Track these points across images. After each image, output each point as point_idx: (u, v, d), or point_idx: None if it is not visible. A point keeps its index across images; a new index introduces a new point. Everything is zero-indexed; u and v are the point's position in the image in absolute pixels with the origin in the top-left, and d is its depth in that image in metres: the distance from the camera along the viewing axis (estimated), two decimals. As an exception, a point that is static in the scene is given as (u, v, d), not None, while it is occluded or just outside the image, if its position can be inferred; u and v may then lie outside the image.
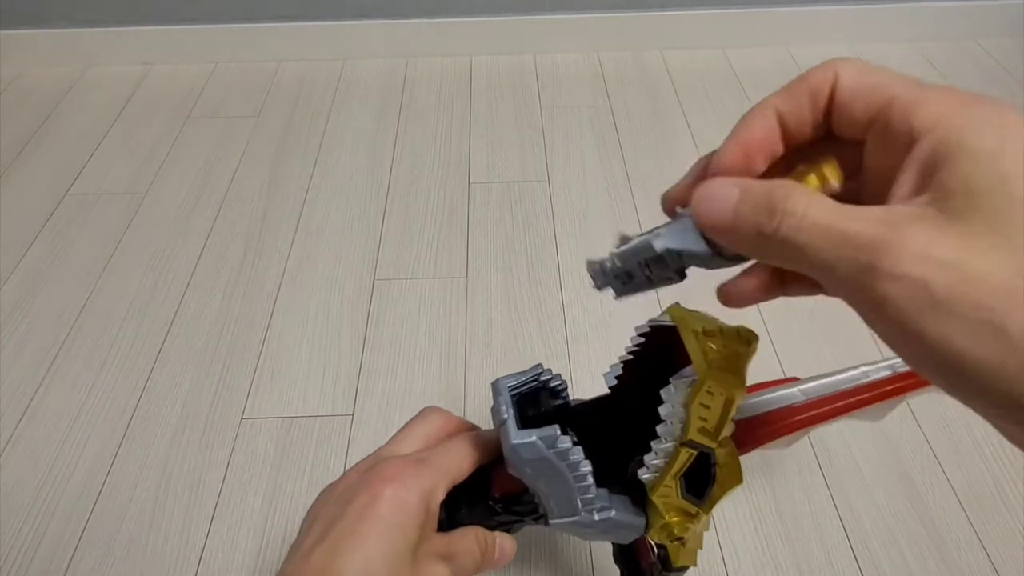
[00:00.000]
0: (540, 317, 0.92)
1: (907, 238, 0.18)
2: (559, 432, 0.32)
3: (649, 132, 1.23)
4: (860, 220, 0.20)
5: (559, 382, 0.36)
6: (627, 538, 0.36)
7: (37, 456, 0.78)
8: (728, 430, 0.33)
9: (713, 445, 0.33)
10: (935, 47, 1.43)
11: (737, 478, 0.34)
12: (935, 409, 0.81)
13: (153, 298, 0.95)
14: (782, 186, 0.21)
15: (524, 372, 0.36)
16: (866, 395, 0.39)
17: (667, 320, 0.35)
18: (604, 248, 0.29)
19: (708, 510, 0.34)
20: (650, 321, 0.36)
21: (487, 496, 0.36)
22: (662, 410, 0.32)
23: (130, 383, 0.85)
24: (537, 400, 0.35)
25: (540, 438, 0.32)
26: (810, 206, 0.20)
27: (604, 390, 0.38)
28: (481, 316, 0.92)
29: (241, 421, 0.81)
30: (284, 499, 0.74)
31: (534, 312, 0.92)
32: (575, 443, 0.32)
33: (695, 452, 0.33)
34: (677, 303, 0.35)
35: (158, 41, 1.40)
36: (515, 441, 0.32)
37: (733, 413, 0.32)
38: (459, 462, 0.35)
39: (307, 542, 0.31)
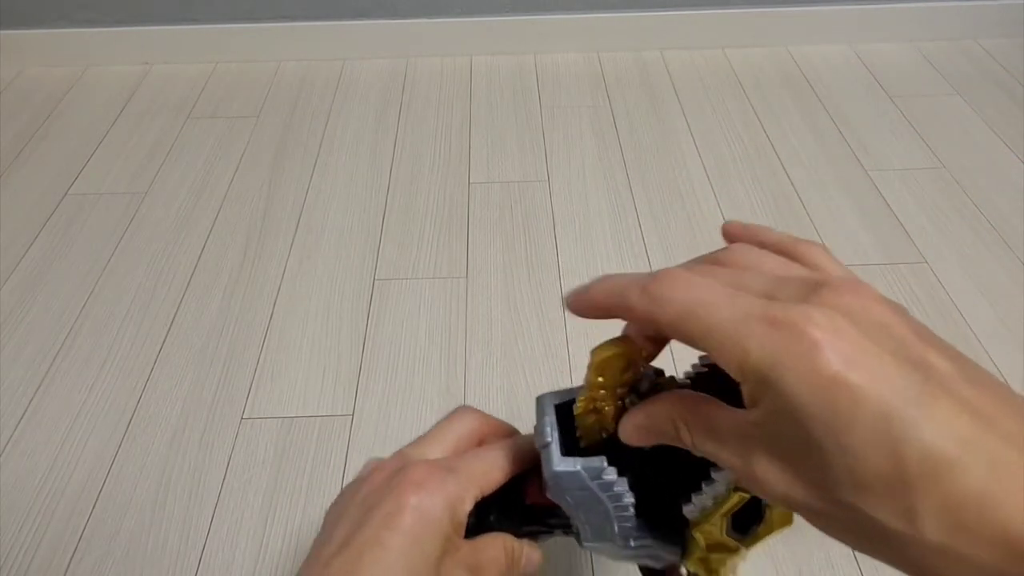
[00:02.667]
0: (540, 317, 0.92)
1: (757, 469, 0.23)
2: (605, 464, 0.30)
3: (649, 132, 1.23)
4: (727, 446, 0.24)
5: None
6: (660, 564, 0.35)
7: (37, 456, 0.78)
8: None
9: None
10: (935, 47, 1.43)
11: (787, 519, 0.32)
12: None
13: (153, 298, 0.95)
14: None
15: (571, 389, 0.33)
16: None
17: None
18: (604, 247, 0.28)
19: (749, 546, 0.33)
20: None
21: (519, 504, 0.35)
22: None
23: (130, 383, 0.85)
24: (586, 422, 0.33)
25: (585, 469, 0.30)
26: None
27: None
28: (481, 316, 0.92)
29: (241, 421, 0.81)
30: (284, 499, 0.74)
31: (534, 312, 0.92)
32: (620, 473, 0.31)
33: (748, 496, 0.31)
34: None
35: (158, 41, 1.40)
36: (558, 468, 0.30)
37: None
38: (490, 472, 0.33)
39: (328, 548, 0.30)
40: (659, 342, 0.29)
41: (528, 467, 0.35)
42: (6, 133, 1.25)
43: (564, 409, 0.33)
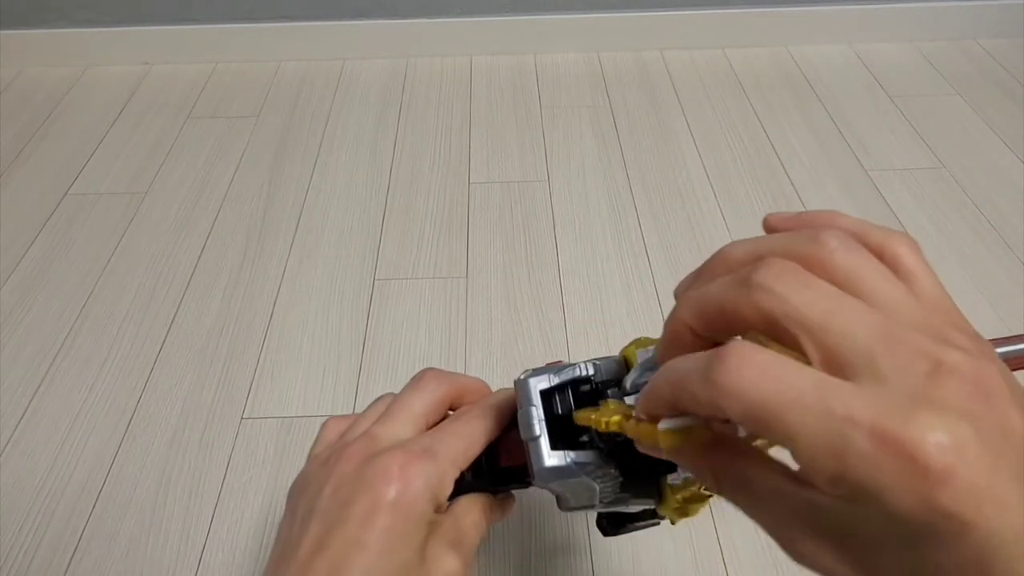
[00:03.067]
0: (540, 317, 0.92)
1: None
2: (597, 459, 0.30)
3: (649, 132, 1.23)
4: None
5: (589, 371, 0.33)
6: (634, 510, 0.35)
7: (37, 456, 0.78)
8: None
9: None
10: (935, 47, 1.43)
11: None
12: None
13: (153, 298, 0.95)
14: None
15: (557, 371, 0.32)
16: None
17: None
18: (604, 247, 0.28)
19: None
20: None
21: (494, 466, 0.34)
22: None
23: (130, 383, 0.85)
24: (565, 393, 0.32)
25: (576, 464, 0.30)
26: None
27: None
28: (481, 316, 0.92)
29: (241, 421, 0.81)
30: (284, 499, 0.74)
31: (534, 312, 0.92)
32: (607, 455, 0.31)
33: None
34: None
35: (158, 41, 1.40)
36: (548, 464, 0.30)
37: None
38: (469, 449, 0.32)
39: (304, 546, 0.29)
40: None
41: (504, 426, 0.34)
42: (6, 133, 1.25)
43: (547, 394, 0.32)
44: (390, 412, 0.34)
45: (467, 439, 0.32)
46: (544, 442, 0.30)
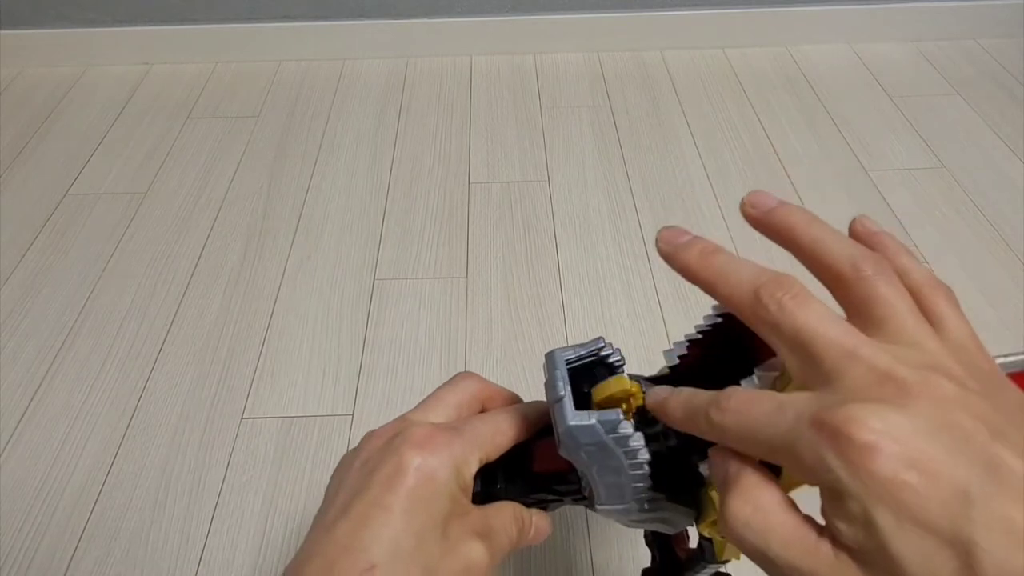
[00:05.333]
0: (540, 317, 0.92)
1: None
2: (621, 416, 0.29)
3: (649, 132, 1.23)
4: None
5: (618, 357, 0.33)
6: (673, 529, 0.33)
7: (37, 456, 0.78)
8: None
9: None
10: (935, 47, 1.43)
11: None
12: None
13: (153, 298, 0.95)
14: None
15: (583, 345, 0.33)
16: None
17: None
18: (604, 247, 0.28)
19: None
20: (718, 309, 0.32)
21: (526, 471, 0.34)
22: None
23: (130, 383, 0.85)
24: (593, 375, 0.32)
25: (600, 422, 0.29)
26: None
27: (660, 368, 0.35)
28: (481, 316, 0.92)
29: (241, 421, 0.81)
30: (284, 499, 0.74)
31: (534, 312, 0.92)
32: (636, 428, 0.30)
33: None
34: None
35: (158, 41, 1.40)
36: (572, 423, 0.29)
37: None
38: (495, 436, 0.32)
39: (330, 513, 0.30)
40: None
41: (534, 433, 0.34)
42: (6, 133, 1.25)
43: (575, 369, 0.32)
44: (423, 402, 0.35)
45: (493, 426, 0.33)
46: (568, 401, 0.30)
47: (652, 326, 0.89)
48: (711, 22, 1.41)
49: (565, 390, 0.30)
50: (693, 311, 0.92)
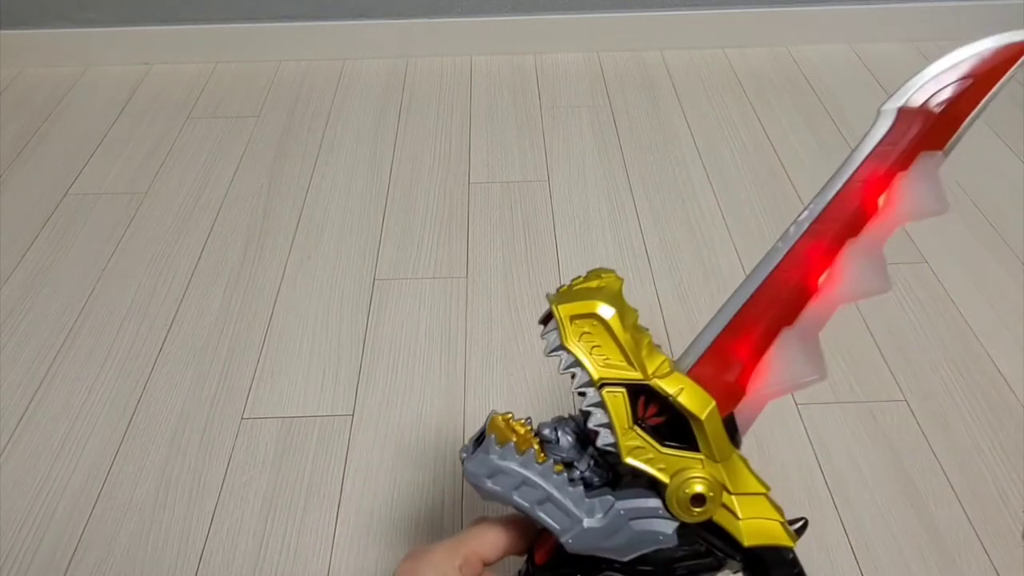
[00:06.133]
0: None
1: None
2: (495, 438, 0.32)
3: (649, 132, 1.23)
4: None
5: (521, 419, 0.36)
6: (667, 533, 0.32)
7: (37, 456, 0.78)
8: (655, 356, 0.31)
9: (638, 376, 0.31)
10: (935, 47, 1.43)
11: (700, 400, 0.30)
12: (935, 409, 0.81)
13: (153, 298, 0.95)
14: None
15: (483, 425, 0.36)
16: (803, 270, 0.32)
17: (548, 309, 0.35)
18: (604, 247, 0.28)
19: (714, 455, 0.31)
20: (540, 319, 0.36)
21: (534, 567, 0.36)
22: (559, 367, 0.32)
23: (130, 383, 0.85)
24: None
25: (483, 450, 0.32)
26: None
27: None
28: (481, 316, 0.92)
29: (241, 421, 0.81)
30: (284, 500, 0.74)
31: (534, 312, 0.92)
32: (535, 446, 0.33)
33: (621, 391, 0.31)
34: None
35: (158, 41, 1.40)
36: (466, 466, 0.32)
37: (625, 334, 0.30)
38: (486, 537, 0.34)
39: None
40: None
41: (533, 537, 0.35)
42: (6, 133, 1.25)
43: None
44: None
45: (486, 531, 0.34)
46: (468, 454, 0.33)
47: (652, 326, 0.89)
48: (711, 22, 1.41)
49: (466, 451, 0.33)
50: (693, 311, 0.92)
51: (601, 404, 0.31)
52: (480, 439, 0.34)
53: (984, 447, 0.77)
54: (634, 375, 0.31)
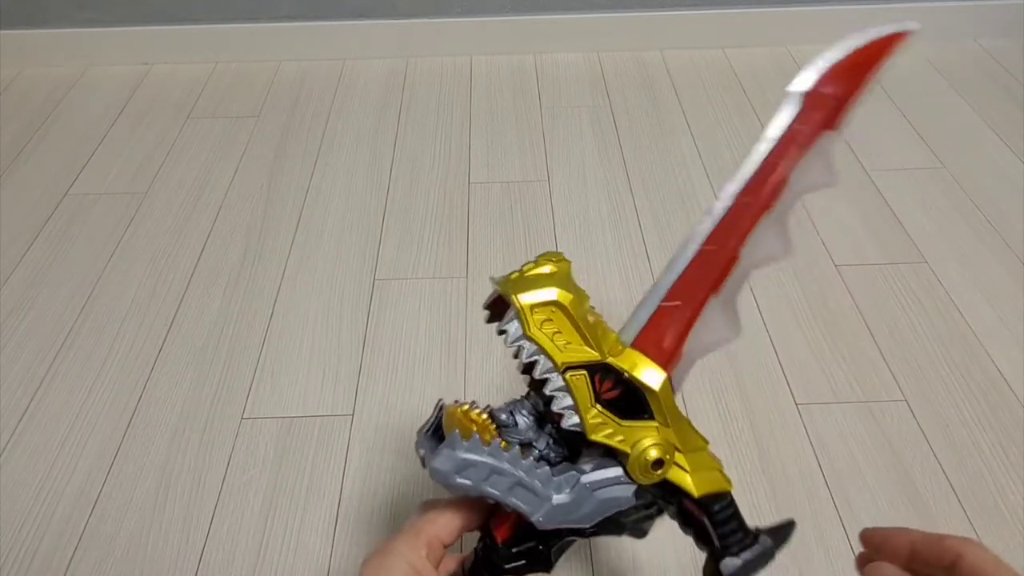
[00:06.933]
0: (540, 317, 0.92)
1: None
2: (458, 432, 0.32)
3: (649, 132, 1.23)
4: None
5: (469, 403, 0.36)
6: (627, 496, 0.35)
7: (37, 456, 0.78)
8: (608, 337, 0.34)
9: (597, 356, 0.33)
10: (935, 47, 1.43)
11: (654, 374, 0.34)
12: (935, 409, 0.81)
13: (153, 298, 0.95)
14: None
15: (431, 415, 0.37)
16: (720, 246, 0.36)
17: (494, 294, 0.37)
18: (604, 247, 0.29)
19: (665, 421, 0.34)
20: (484, 304, 0.37)
21: (495, 547, 0.36)
22: (522, 355, 0.33)
23: (130, 383, 0.85)
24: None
25: (446, 446, 0.32)
26: None
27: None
28: (481, 316, 0.92)
29: (241, 421, 0.81)
30: (284, 499, 0.74)
31: (534, 312, 0.92)
32: (504, 441, 0.33)
33: (583, 372, 0.33)
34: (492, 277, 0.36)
35: (158, 41, 1.40)
36: (431, 464, 0.32)
37: (582, 317, 0.33)
38: (441, 520, 0.35)
39: None
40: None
41: (485, 515, 0.36)
42: (6, 133, 1.25)
43: (437, 433, 0.35)
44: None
45: (438, 514, 0.35)
46: (428, 454, 0.33)
47: (652, 326, 0.89)
48: (711, 22, 1.41)
49: (423, 447, 0.34)
50: (693, 311, 0.92)
51: (566, 388, 0.33)
52: (434, 431, 0.35)
53: (984, 447, 0.77)
54: (593, 356, 0.33)
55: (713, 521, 0.36)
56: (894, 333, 0.89)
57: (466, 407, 0.34)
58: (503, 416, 0.36)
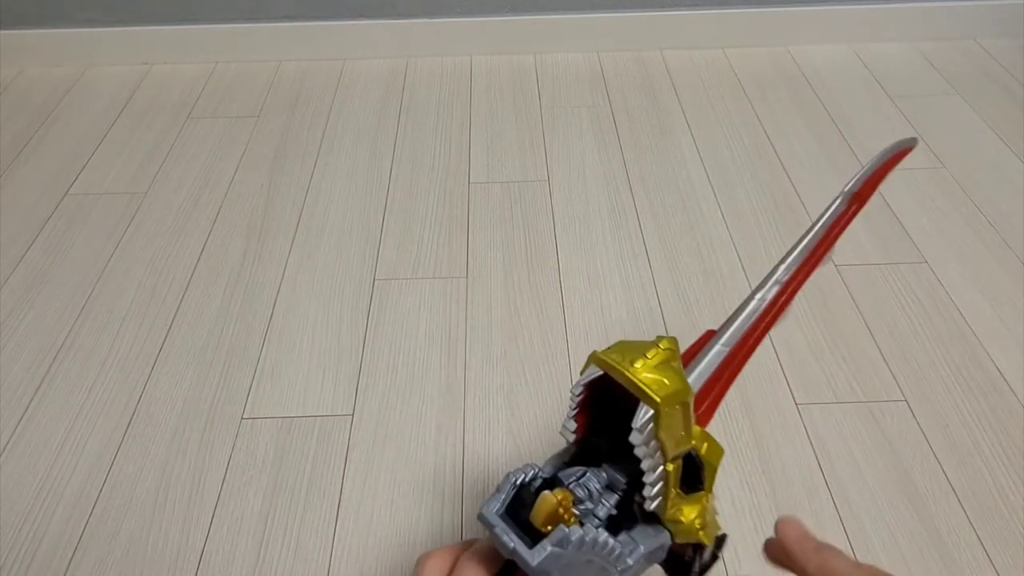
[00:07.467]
0: (540, 317, 0.92)
1: None
2: (566, 529, 0.31)
3: (649, 132, 1.23)
4: None
5: (533, 471, 0.35)
6: (663, 555, 0.36)
7: (37, 456, 0.78)
8: (693, 420, 0.35)
9: (693, 446, 0.34)
10: (935, 47, 1.43)
11: (719, 450, 0.35)
12: (935, 409, 0.81)
13: (153, 298, 0.95)
14: None
15: (500, 488, 0.35)
16: (771, 314, 0.41)
17: (595, 372, 0.35)
18: (604, 247, 0.28)
19: (710, 488, 0.35)
20: (580, 381, 0.35)
21: None
22: (638, 452, 0.32)
23: (130, 383, 0.85)
24: (522, 499, 0.34)
25: (553, 545, 0.31)
26: None
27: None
28: (481, 316, 0.92)
29: (241, 421, 0.81)
30: (284, 499, 0.74)
31: (534, 312, 0.92)
32: (580, 521, 0.33)
33: (680, 461, 0.34)
34: (594, 351, 0.35)
35: (158, 41, 1.40)
36: (536, 563, 0.31)
37: (692, 408, 0.34)
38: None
39: None
40: None
41: (503, 563, 0.35)
42: (6, 133, 1.25)
43: (508, 511, 0.34)
44: None
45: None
46: (520, 548, 0.31)
47: (652, 326, 0.89)
48: (711, 22, 1.41)
49: (512, 539, 0.32)
50: (692, 311, 0.92)
51: (664, 479, 0.33)
52: (508, 510, 0.34)
53: (984, 447, 0.77)
54: (691, 446, 0.34)
55: (702, 564, 0.38)
56: (894, 333, 0.89)
57: (559, 496, 0.33)
58: (579, 492, 0.35)
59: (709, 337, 0.42)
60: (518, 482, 0.34)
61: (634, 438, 0.32)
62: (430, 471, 0.76)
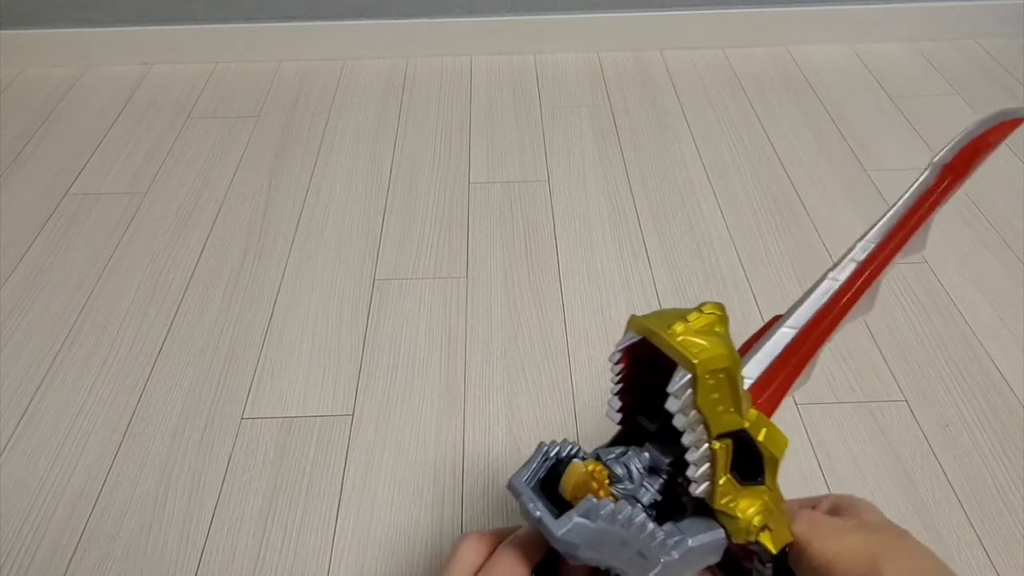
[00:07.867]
0: (540, 317, 0.92)
1: None
2: (594, 500, 0.29)
3: (649, 132, 1.23)
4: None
5: (569, 447, 0.33)
6: (718, 556, 0.33)
7: (37, 456, 0.78)
8: (747, 400, 0.32)
9: (743, 423, 0.31)
10: (935, 47, 1.43)
11: (782, 440, 0.32)
12: (935, 409, 0.81)
13: (153, 298, 0.95)
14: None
15: (532, 458, 0.33)
16: (847, 296, 0.37)
17: (633, 336, 0.32)
18: (604, 247, 0.28)
19: (772, 484, 0.33)
20: (618, 346, 0.33)
21: None
22: (676, 423, 0.30)
23: (130, 383, 0.85)
24: (558, 473, 0.32)
25: (580, 515, 0.29)
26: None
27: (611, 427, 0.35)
28: (481, 316, 0.92)
29: (241, 421, 0.81)
30: (284, 499, 0.74)
31: (534, 312, 0.92)
32: (617, 496, 0.31)
33: (729, 441, 0.31)
34: (633, 315, 0.33)
35: (158, 41, 1.40)
36: (560, 533, 0.29)
37: (740, 382, 0.31)
38: (508, 573, 0.32)
39: None
40: None
41: (546, 551, 0.33)
42: (6, 133, 1.25)
43: (540, 481, 0.32)
44: None
45: (502, 567, 0.32)
46: (546, 517, 0.30)
47: (652, 326, 0.89)
48: (711, 22, 1.41)
49: (539, 508, 0.30)
50: (693, 311, 0.92)
51: (709, 458, 0.31)
52: (541, 484, 0.32)
53: (984, 447, 0.77)
54: (740, 424, 0.31)
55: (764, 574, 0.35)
56: (894, 333, 0.89)
57: (591, 466, 0.31)
58: (618, 470, 0.33)
59: (775, 322, 0.37)
60: (552, 453, 0.32)
61: (671, 404, 0.30)
62: (430, 471, 0.76)
